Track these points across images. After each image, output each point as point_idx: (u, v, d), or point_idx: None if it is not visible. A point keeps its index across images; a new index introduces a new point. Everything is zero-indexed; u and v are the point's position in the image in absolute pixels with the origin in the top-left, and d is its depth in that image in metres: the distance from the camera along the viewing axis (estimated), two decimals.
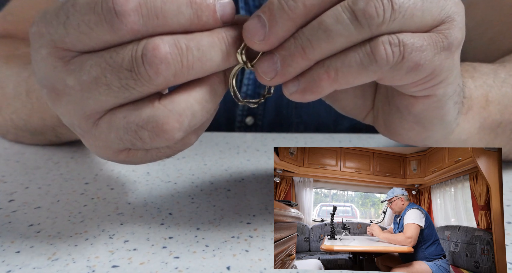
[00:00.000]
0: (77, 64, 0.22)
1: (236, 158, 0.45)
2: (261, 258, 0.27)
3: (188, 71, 0.22)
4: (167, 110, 0.23)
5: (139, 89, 0.22)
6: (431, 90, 0.25)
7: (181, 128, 0.23)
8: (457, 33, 0.24)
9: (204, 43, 0.23)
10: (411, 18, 0.22)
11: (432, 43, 0.23)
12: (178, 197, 0.35)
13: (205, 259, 0.26)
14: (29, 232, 0.29)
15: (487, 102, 0.34)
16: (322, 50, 0.22)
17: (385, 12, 0.21)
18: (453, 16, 0.24)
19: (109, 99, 0.23)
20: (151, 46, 0.21)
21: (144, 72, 0.21)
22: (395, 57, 0.22)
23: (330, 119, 0.57)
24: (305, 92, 0.23)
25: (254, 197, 0.35)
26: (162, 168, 0.41)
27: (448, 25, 0.23)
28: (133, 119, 0.23)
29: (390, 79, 0.24)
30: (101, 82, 0.22)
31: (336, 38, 0.22)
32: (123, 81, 0.22)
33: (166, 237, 0.29)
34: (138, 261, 0.26)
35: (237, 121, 0.58)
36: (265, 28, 0.22)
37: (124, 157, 0.26)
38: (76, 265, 0.26)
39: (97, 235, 0.29)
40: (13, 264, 0.26)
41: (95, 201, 0.34)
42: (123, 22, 0.21)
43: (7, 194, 0.36)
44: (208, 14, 0.22)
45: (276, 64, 0.23)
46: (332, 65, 0.23)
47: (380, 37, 0.22)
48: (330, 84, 0.23)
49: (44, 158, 0.44)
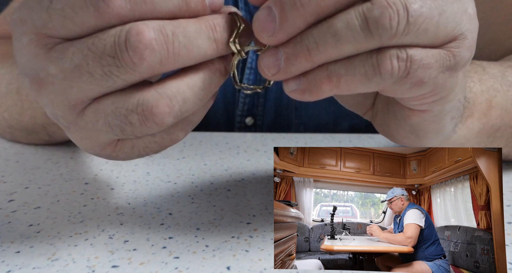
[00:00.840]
0: (59, 51, 0.22)
1: (236, 158, 0.45)
2: (261, 258, 0.27)
3: (175, 58, 0.22)
4: (157, 93, 0.22)
5: (122, 77, 0.21)
6: (429, 106, 0.25)
7: (171, 113, 0.22)
8: (465, 52, 0.23)
9: (191, 30, 0.22)
10: (424, 32, 0.21)
11: (439, 61, 0.22)
12: (178, 197, 0.35)
13: (205, 259, 0.26)
14: (29, 232, 0.29)
15: (489, 108, 0.34)
16: (328, 54, 0.22)
17: (399, 24, 0.20)
18: (465, 34, 0.23)
19: (93, 88, 0.22)
20: (135, 31, 0.21)
21: (127, 58, 0.21)
22: (400, 72, 0.22)
23: (330, 119, 0.57)
24: (305, 93, 0.23)
25: (254, 197, 0.35)
26: (162, 168, 0.41)
27: (459, 43, 0.22)
28: (122, 104, 0.22)
29: (391, 92, 0.23)
30: (84, 70, 0.21)
31: (344, 45, 0.21)
32: (105, 68, 0.21)
33: (166, 237, 0.29)
34: (138, 261, 0.26)
35: (237, 122, 0.58)
36: (275, 23, 0.22)
37: (111, 150, 0.25)
38: (76, 265, 0.26)
39: (97, 235, 0.29)
40: (13, 264, 0.26)
41: (95, 201, 0.34)
42: (109, 6, 0.20)
43: (7, 194, 0.36)
44: (197, 1, 0.22)
45: (279, 60, 0.22)
46: (336, 71, 0.22)
47: (389, 50, 0.21)
48: (330, 89, 0.22)
49: (44, 158, 0.44)
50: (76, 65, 0.21)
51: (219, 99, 0.57)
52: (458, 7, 0.22)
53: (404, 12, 0.20)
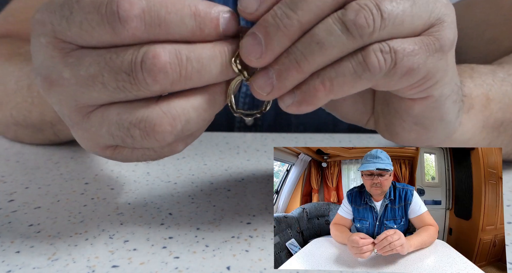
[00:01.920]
0: (75, 57, 0.22)
1: (236, 158, 0.45)
2: (261, 258, 0.27)
3: (186, 81, 0.22)
4: (162, 112, 0.23)
5: (134, 93, 0.22)
6: (427, 91, 0.25)
7: (172, 132, 0.23)
8: (448, 34, 0.24)
9: (205, 55, 0.23)
10: (401, 24, 0.22)
11: (423, 46, 0.23)
12: (178, 197, 0.35)
13: (205, 259, 0.26)
14: (29, 232, 0.29)
15: (488, 101, 0.34)
16: (317, 62, 0.22)
17: (375, 22, 0.22)
18: (443, 18, 0.24)
19: (103, 97, 0.23)
20: (152, 54, 0.21)
21: (141, 78, 0.22)
22: (387, 64, 0.22)
23: (330, 119, 0.57)
24: (301, 104, 0.24)
25: (254, 197, 0.35)
26: (162, 168, 0.41)
27: (438, 27, 0.23)
28: (127, 117, 0.23)
29: (385, 85, 0.24)
30: (98, 81, 0.22)
31: (330, 50, 0.22)
32: (120, 83, 0.22)
33: (166, 237, 0.29)
34: (138, 261, 0.26)
35: (237, 122, 0.58)
36: (261, 46, 0.22)
37: (110, 153, 0.26)
38: (76, 265, 0.26)
39: (97, 235, 0.29)
40: (13, 264, 0.26)
41: (95, 201, 0.34)
42: (125, 27, 0.21)
43: (7, 194, 0.36)
44: (211, 27, 0.23)
45: (271, 79, 0.23)
46: (327, 76, 0.23)
47: (371, 46, 0.22)
48: (326, 94, 0.23)
49: (44, 158, 0.44)
50: (91, 75, 0.22)
51: None
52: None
53: (377, 10, 0.22)
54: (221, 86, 0.24)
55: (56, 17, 0.22)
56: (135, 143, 0.23)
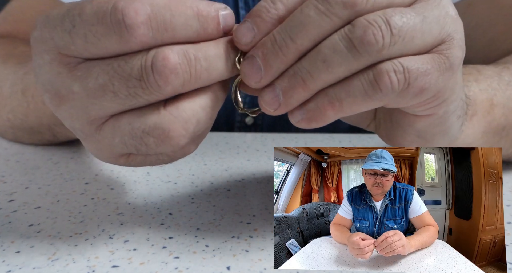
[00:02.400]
0: (83, 70, 0.22)
1: (236, 158, 0.45)
2: (261, 258, 0.27)
3: (196, 81, 0.22)
4: (173, 117, 0.23)
5: (146, 97, 0.22)
6: (433, 109, 0.25)
7: (186, 135, 0.23)
8: (457, 52, 0.23)
9: (211, 53, 0.23)
10: (411, 41, 0.22)
11: (435, 65, 0.22)
12: (178, 197, 0.35)
13: (205, 259, 0.26)
14: (29, 232, 0.29)
15: (492, 106, 0.34)
16: (323, 80, 0.22)
17: (384, 38, 0.21)
18: (452, 35, 0.23)
19: (114, 106, 0.22)
20: (161, 56, 0.21)
21: (153, 82, 0.21)
22: (401, 85, 0.22)
23: None
24: (311, 121, 0.23)
25: (254, 197, 0.35)
26: (162, 168, 0.41)
27: (448, 45, 0.23)
28: (139, 126, 0.23)
29: (395, 104, 0.23)
30: (108, 90, 0.22)
31: (336, 68, 0.22)
32: (131, 89, 0.22)
33: (166, 237, 0.29)
34: (138, 261, 0.26)
35: (237, 121, 0.58)
36: (261, 72, 0.23)
37: (124, 161, 0.26)
38: (76, 265, 0.26)
39: (97, 235, 0.29)
40: (13, 264, 0.26)
41: (95, 201, 0.34)
42: (132, 35, 0.21)
43: (7, 194, 0.36)
44: (213, 26, 0.23)
45: (278, 96, 0.23)
46: (336, 95, 0.22)
47: (384, 65, 0.22)
48: (335, 113, 0.23)
49: (44, 158, 0.44)
50: (101, 85, 0.22)
51: None
52: (439, 11, 0.23)
53: (387, 26, 0.21)
54: (221, 82, 0.25)
55: (58, 32, 0.22)
56: (149, 150, 0.23)
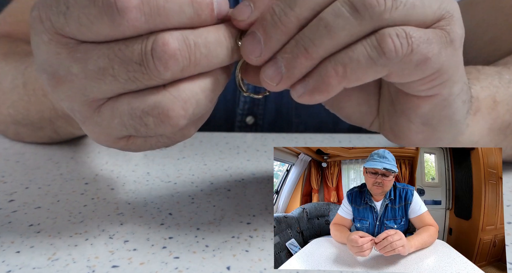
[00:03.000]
0: (82, 52, 0.22)
1: (236, 158, 0.45)
2: (261, 258, 0.27)
3: (195, 67, 0.22)
4: (172, 97, 0.23)
5: (146, 82, 0.22)
6: (437, 89, 0.25)
7: (186, 115, 0.23)
8: (458, 29, 0.23)
9: (211, 40, 0.23)
10: (412, 8, 0.22)
11: (437, 37, 0.23)
12: (178, 197, 0.35)
13: (205, 259, 0.26)
14: (29, 232, 0.29)
15: (495, 103, 0.34)
16: (326, 47, 0.22)
17: (386, 1, 0.21)
18: (451, 12, 0.23)
19: (113, 89, 0.22)
20: (161, 42, 0.21)
21: (153, 67, 0.21)
22: (404, 49, 0.22)
23: (330, 119, 0.57)
24: (314, 93, 0.23)
25: (254, 197, 0.35)
26: (162, 168, 0.41)
27: (448, 21, 0.23)
28: (138, 105, 0.23)
29: (399, 75, 0.23)
30: (108, 73, 0.22)
31: (339, 33, 0.22)
32: (131, 73, 0.22)
33: (166, 237, 0.29)
34: (138, 261, 0.26)
35: (237, 121, 0.58)
36: (261, 45, 0.23)
37: (123, 144, 0.25)
38: (76, 265, 0.26)
39: (97, 235, 0.29)
40: (13, 264, 0.26)
41: (95, 201, 0.34)
42: (124, 18, 0.21)
43: (7, 194, 0.36)
44: (207, 12, 0.23)
45: (280, 68, 0.23)
46: (340, 61, 0.22)
47: (386, 30, 0.22)
48: (339, 81, 0.22)
49: (44, 158, 0.44)
50: (101, 68, 0.22)
51: (220, 98, 0.57)
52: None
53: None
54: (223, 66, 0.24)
55: (54, 13, 0.22)
56: (149, 130, 0.23)
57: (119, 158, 0.44)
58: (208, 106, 0.24)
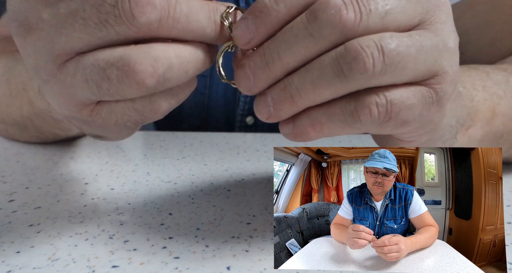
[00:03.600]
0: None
1: (236, 158, 0.45)
2: (261, 258, 0.27)
3: (174, 23, 0.21)
4: (142, 51, 0.21)
5: (117, 28, 0.21)
6: (415, 137, 0.25)
7: (154, 74, 0.21)
8: (448, 87, 0.22)
9: (195, 3, 0.22)
10: (402, 71, 0.21)
11: (421, 99, 0.22)
12: (178, 197, 0.35)
13: (205, 259, 0.26)
14: (29, 232, 0.29)
15: (493, 115, 0.34)
16: (309, 100, 0.22)
17: (375, 67, 0.20)
18: (446, 69, 0.22)
19: (82, 37, 0.21)
20: None
21: (127, 9, 0.20)
22: (381, 117, 0.21)
23: None
24: (297, 137, 0.24)
25: (254, 197, 0.35)
26: (162, 168, 0.41)
27: (440, 79, 0.22)
28: (104, 57, 0.21)
29: (376, 132, 0.23)
30: (79, 16, 0.21)
31: (322, 90, 0.22)
32: (102, 16, 0.20)
33: (166, 237, 0.29)
34: (138, 261, 0.26)
35: (238, 121, 0.58)
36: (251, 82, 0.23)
37: (87, 113, 0.24)
38: (76, 265, 0.26)
39: (97, 235, 0.29)
40: (13, 264, 0.26)
41: (95, 201, 0.34)
42: None
43: (7, 194, 0.36)
44: None
45: (269, 106, 0.23)
46: (318, 119, 0.23)
47: (367, 97, 0.21)
48: (316, 134, 0.23)
49: (44, 158, 0.44)
50: (72, 10, 0.21)
51: (220, 98, 0.57)
52: (437, 42, 0.22)
53: (380, 54, 0.20)
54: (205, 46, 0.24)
55: None
56: (112, 87, 0.21)
57: (119, 158, 0.44)
58: (182, 77, 0.23)
